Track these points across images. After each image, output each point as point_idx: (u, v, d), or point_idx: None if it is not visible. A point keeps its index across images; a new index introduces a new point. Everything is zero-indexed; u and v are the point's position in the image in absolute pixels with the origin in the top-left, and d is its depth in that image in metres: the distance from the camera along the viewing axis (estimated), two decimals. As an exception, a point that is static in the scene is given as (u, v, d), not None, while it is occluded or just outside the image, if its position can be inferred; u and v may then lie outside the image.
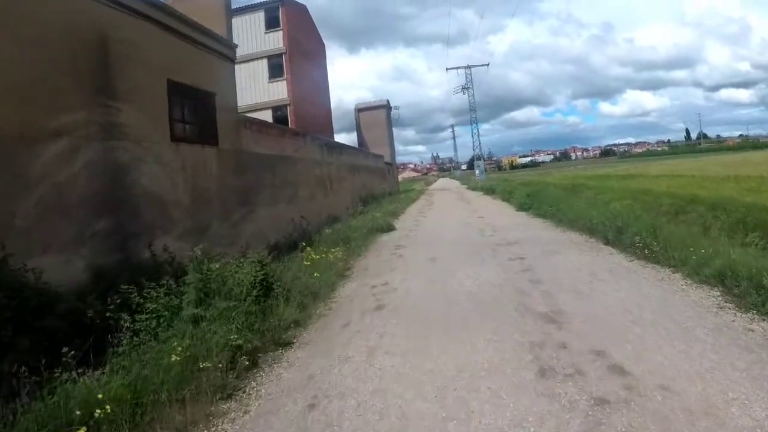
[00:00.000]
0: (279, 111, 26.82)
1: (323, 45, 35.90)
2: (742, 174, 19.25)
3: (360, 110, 38.85)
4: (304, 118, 26.75)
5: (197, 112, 9.06)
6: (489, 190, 27.46)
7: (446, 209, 19.57)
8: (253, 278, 5.91)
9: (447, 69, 49.12)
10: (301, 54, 28.71)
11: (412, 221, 15.58)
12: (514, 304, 5.41)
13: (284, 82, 26.68)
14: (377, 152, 34.17)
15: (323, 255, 8.03)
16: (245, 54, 28.02)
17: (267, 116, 26.65)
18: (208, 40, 9.52)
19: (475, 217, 14.93)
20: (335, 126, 42.80)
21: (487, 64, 50.52)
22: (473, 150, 47.05)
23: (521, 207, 15.79)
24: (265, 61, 27.47)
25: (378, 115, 38.65)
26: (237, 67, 26.49)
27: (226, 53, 10.38)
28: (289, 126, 25.44)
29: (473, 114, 46.00)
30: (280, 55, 27.06)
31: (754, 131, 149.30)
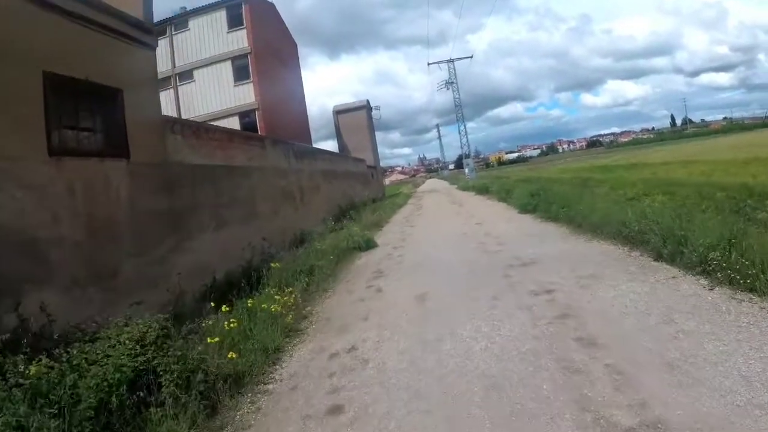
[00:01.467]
0: (247, 117, 24.38)
1: (295, 45, 33.59)
2: (762, 156, 17.26)
3: (339, 112, 36.32)
4: (276, 124, 24.33)
5: (96, 116, 6.67)
6: (482, 190, 25.10)
7: (437, 215, 17.17)
8: (119, 376, 3.51)
9: (429, 64, 46.88)
10: (270, 54, 26.33)
11: (398, 234, 13.18)
12: (570, 407, 3.01)
13: (251, 85, 24.27)
14: (360, 156, 31.84)
15: (265, 303, 5.60)
16: (207, 57, 25.66)
17: (234, 123, 24.24)
18: (111, 20, 7.09)
19: (472, 224, 12.58)
20: (319, 134, 39.94)
21: (471, 57, 48.04)
22: (461, 148, 44.86)
23: (524, 208, 13.46)
24: (228, 64, 25.06)
25: (358, 117, 36.15)
26: (199, 72, 24.14)
27: (139, 38, 7.89)
28: (259, 133, 23.05)
29: (459, 110, 43.77)
30: (245, 56, 24.65)
31: (737, 114, 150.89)
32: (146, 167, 7.41)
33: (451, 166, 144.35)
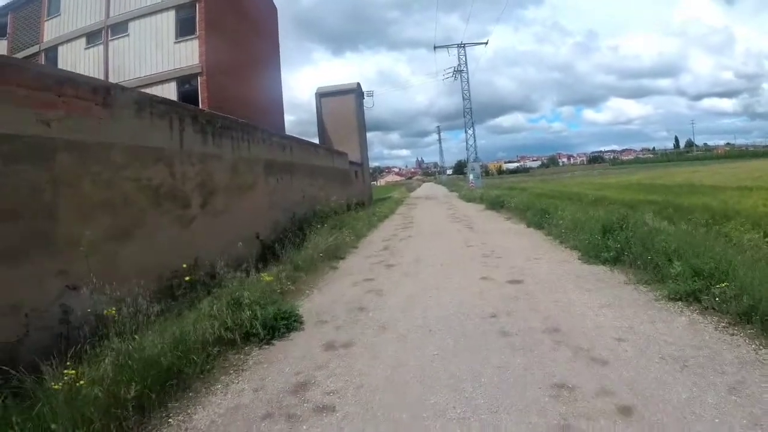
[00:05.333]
0: (187, 84, 18.21)
1: (274, 9, 27.41)
2: None
3: (322, 95, 29.83)
4: (227, 97, 18.14)
5: None
6: (494, 203, 18.86)
7: (435, 245, 10.61)
8: None
9: (435, 47, 40.12)
10: (228, 7, 20.15)
11: (357, 290, 6.89)
12: None
13: (195, 42, 18.09)
14: (344, 149, 25.71)
15: None
16: (145, 5, 19.57)
17: (170, 92, 18.13)
18: None
19: (502, 281, 6.47)
20: (312, 131, 32.12)
21: (486, 43, 41.33)
22: (466, 150, 38.25)
23: (594, 255, 7.36)
24: (172, 14, 18.87)
25: (345, 103, 29.71)
26: (135, 23, 17.78)
27: None
28: (200, 106, 16.94)
29: (467, 103, 37.35)
30: (192, 4, 18.49)
31: (739, 140, 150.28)
32: None
33: (449, 172, 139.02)
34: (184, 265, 6.92)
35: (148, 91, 18.17)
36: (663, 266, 5.82)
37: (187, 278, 5.83)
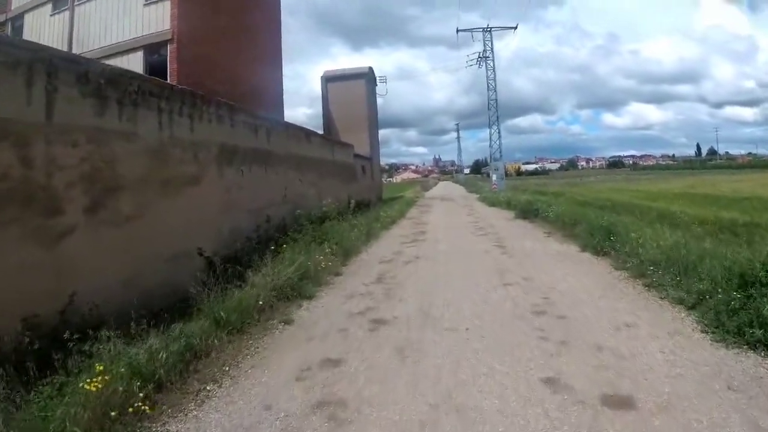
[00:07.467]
0: (156, 54, 15.07)
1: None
2: None
3: (329, 79, 26.35)
4: (203, 71, 14.93)
5: None
6: (525, 211, 15.36)
7: (454, 280, 7.17)
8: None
9: (458, 31, 36.05)
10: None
11: (300, 402, 3.60)
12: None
13: (167, 3, 14.91)
14: (352, 140, 22.48)
15: None
16: (116, -39, 16.48)
17: (137, 63, 15.05)
18: None
19: (599, 414, 3.23)
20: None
21: (515, 27, 36.63)
22: (489, 146, 33.97)
23: (730, 324, 4.00)
24: (141, -29, 15.77)
25: (355, 89, 26.20)
26: None
27: None
28: (168, 81, 13.85)
29: (492, 94, 33.51)
30: (163, -40, 15.32)
31: (760, 150, 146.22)
32: None
33: (467, 171, 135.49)
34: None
35: (112, 62, 15.10)
36: None
37: None
